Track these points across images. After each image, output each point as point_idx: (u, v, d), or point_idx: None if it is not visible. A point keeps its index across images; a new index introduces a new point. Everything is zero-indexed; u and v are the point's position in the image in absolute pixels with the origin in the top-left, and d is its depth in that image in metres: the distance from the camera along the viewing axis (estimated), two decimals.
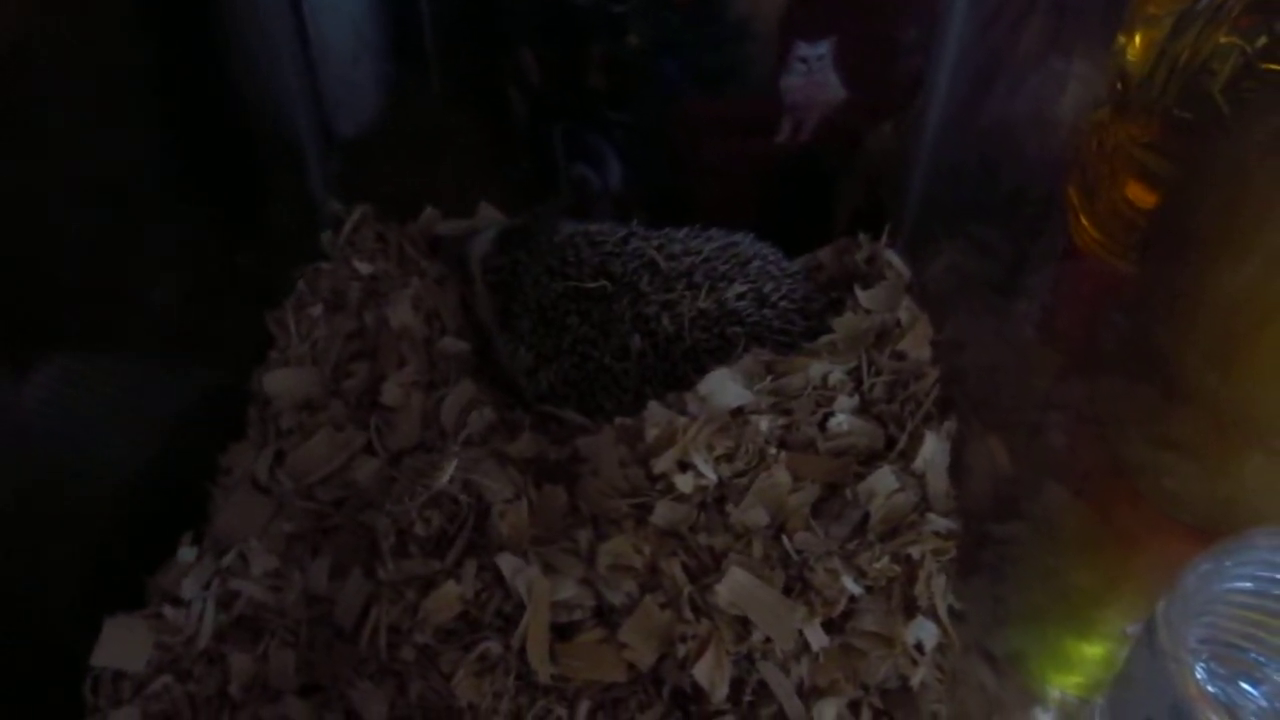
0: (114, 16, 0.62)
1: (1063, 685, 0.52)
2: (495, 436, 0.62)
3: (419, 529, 0.54)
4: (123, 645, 0.53)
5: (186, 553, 0.57)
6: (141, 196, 0.65)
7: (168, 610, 0.54)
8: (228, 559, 0.57)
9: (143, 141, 0.66)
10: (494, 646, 0.51)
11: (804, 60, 0.65)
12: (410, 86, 0.76)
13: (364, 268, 0.71)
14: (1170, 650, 0.39)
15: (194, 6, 0.65)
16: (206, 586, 0.56)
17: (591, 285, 0.63)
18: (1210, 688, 0.40)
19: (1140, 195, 0.54)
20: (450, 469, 0.55)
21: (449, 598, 0.52)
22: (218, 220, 0.70)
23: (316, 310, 0.69)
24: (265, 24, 0.68)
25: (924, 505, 0.55)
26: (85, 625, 0.53)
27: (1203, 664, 0.40)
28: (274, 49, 0.69)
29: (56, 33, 0.56)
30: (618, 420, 0.59)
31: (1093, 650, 0.51)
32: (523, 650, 0.50)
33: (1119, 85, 0.55)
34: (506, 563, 0.52)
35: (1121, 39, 0.54)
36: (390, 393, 0.63)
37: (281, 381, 0.65)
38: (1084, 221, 0.57)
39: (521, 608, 0.51)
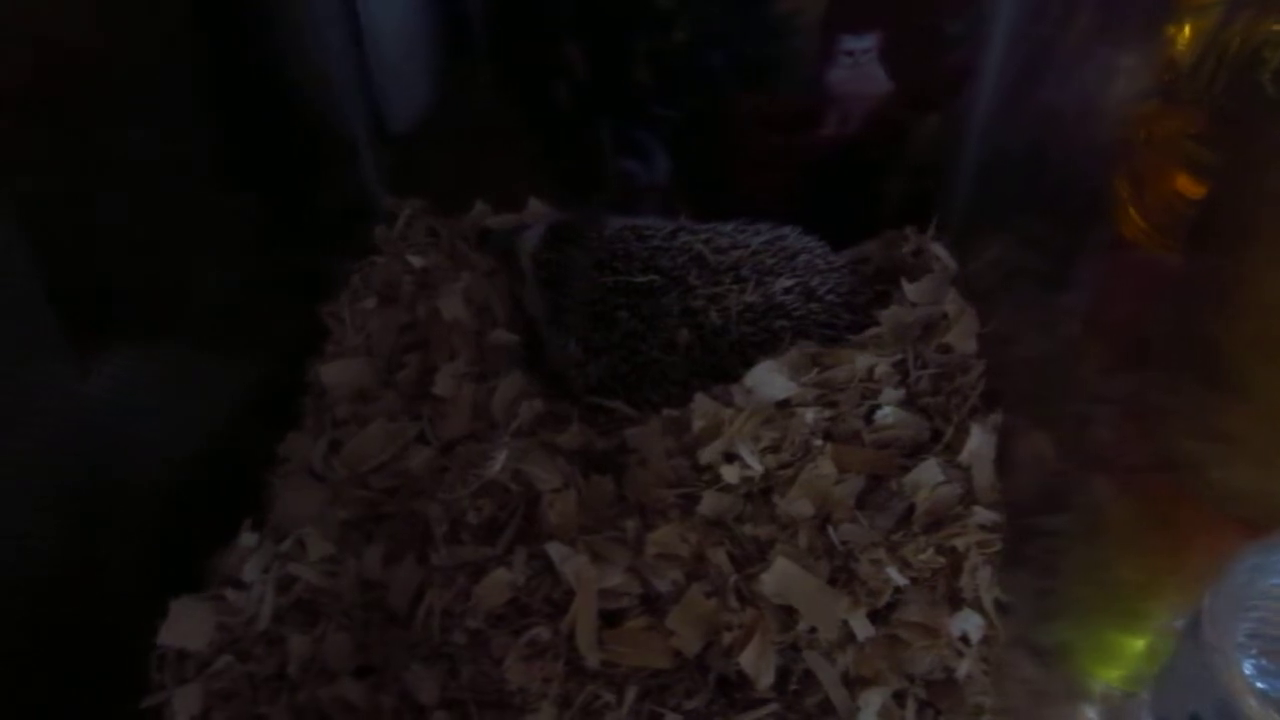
0: (173, 19, 0.64)
1: (1108, 679, 0.52)
2: (544, 427, 0.63)
3: (470, 517, 0.56)
4: (187, 625, 0.55)
5: (248, 538, 0.59)
6: (199, 193, 0.66)
7: (229, 593, 0.56)
8: (286, 544, 0.58)
9: (201, 140, 0.67)
10: (543, 632, 0.52)
11: (850, 53, 0.66)
12: (460, 84, 0.77)
13: (416, 261, 0.72)
14: (1216, 645, 0.39)
15: (250, 7, 0.67)
16: (266, 570, 0.57)
17: (640, 279, 0.63)
18: (1259, 683, 0.39)
19: (1189, 186, 0.54)
20: (501, 459, 0.57)
21: (500, 584, 0.53)
22: (274, 216, 0.72)
23: (370, 303, 0.70)
24: (320, 24, 0.70)
25: (969, 498, 0.55)
26: (148, 606, 0.55)
27: (1250, 659, 0.40)
28: (328, 49, 0.71)
29: (119, 37, 0.58)
30: (665, 412, 0.60)
31: (1138, 644, 0.51)
32: (571, 636, 0.52)
33: (1167, 76, 0.54)
34: (556, 550, 0.53)
35: (1170, 29, 0.54)
36: (442, 384, 0.65)
37: (337, 373, 0.67)
38: (1132, 213, 0.57)
39: (570, 594, 0.52)
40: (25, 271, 0.52)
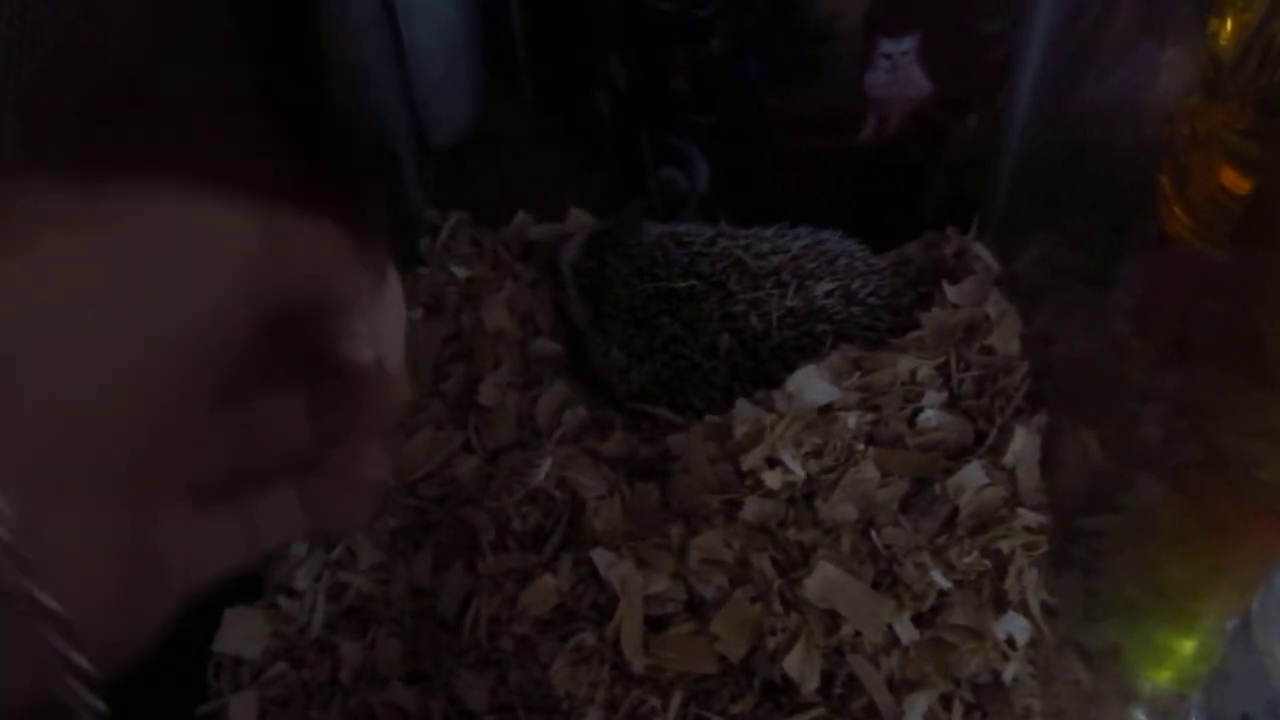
0: (216, 33, 0.65)
1: (1158, 680, 0.51)
2: (588, 435, 0.63)
3: (516, 524, 0.56)
4: (242, 633, 0.56)
5: (299, 547, 0.60)
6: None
7: (282, 600, 0.57)
8: (336, 553, 0.59)
9: (245, 155, 0.69)
10: (589, 638, 0.52)
11: (888, 56, 0.65)
12: (502, 95, 0.78)
13: (460, 272, 0.73)
14: (1267, 646, 0.39)
15: (292, 22, 0.68)
16: (317, 579, 0.58)
17: (681, 285, 0.64)
18: None
19: (1234, 181, 0.53)
20: (546, 467, 0.57)
21: (546, 590, 0.54)
22: None
23: (416, 314, 0.71)
24: (362, 37, 0.71)
25: (1014, 500, 0.55)
26: (203, 614, 0.56)
27: None
28: (370, 62, 0.72)
29: (163, 52, 0.59)
30: (707, 418, 0.60)
31: (1189, 645, 0.50)
32: (617, 641, 0.52)
33: (1211, 70, 0.54)
34: (601, 557, 0.54)
35: (1213, 23, 0.53)
36: (487, 393, 0.65)
37: None
38: (1176, 209, 0.56)
39: (615, 600, 0.53)
40: None
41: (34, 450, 0.19)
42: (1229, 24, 0.52)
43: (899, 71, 0.66)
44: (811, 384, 0.59)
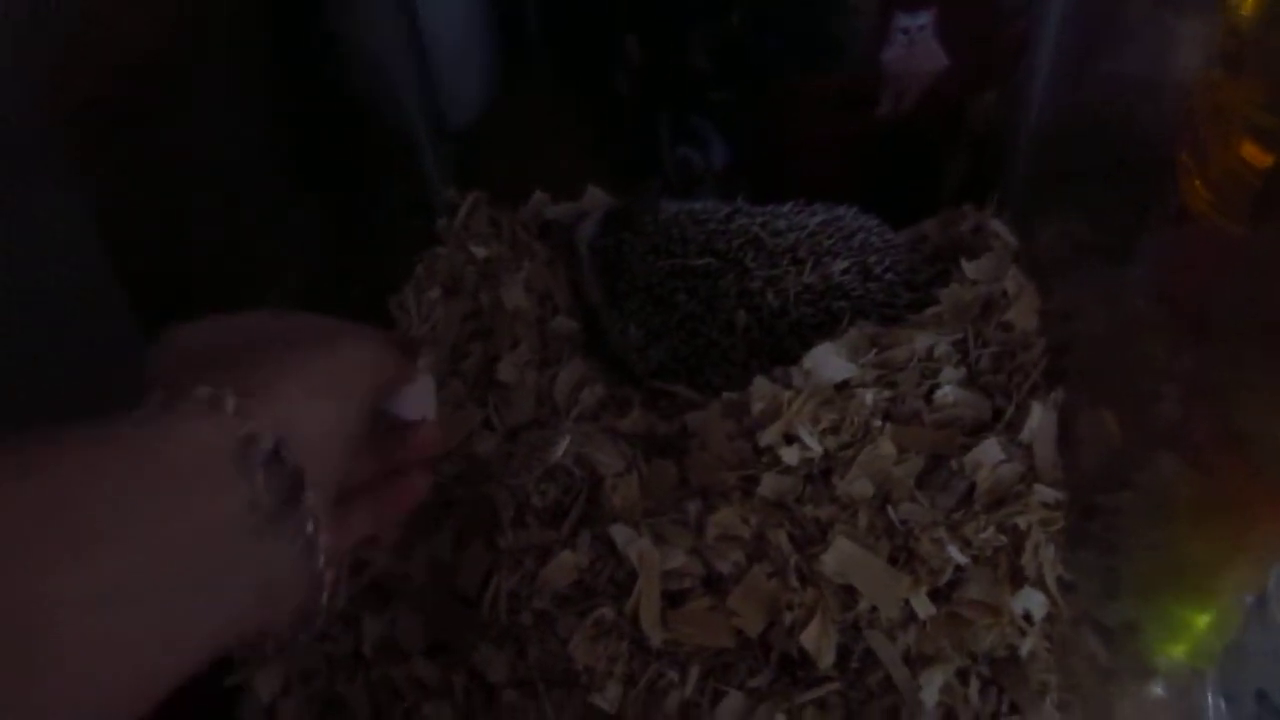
0: (236, 22, 0.65)
1: (1174, 656, 0.51)
2: (606, 412, 0.64)
3: (536, 501, 0.57)
4: None
5: None
6: (267, 191, 0.69)
7: None
8: None
9: (266, 139, 0.69)
10: (608, 613, 0.53)
11: (905, 31, 0.65)
12: (518, 75, 0.78)
13: (479, 252, 0.74)
14: None
15: (309, 7, 0.69)
16: None
17: (698, 262, 0.64)
18: None
19: (1256, 155, 0.53)
20: (564, 444, 0.58)
21: (565, 566, 0.54)
22: (339, 210, 0.74)
23: (435, 293, 0.72)
24: (379, 20, 0.71)
25: (1031, 476, 0.55)
26: None
27: None
28: (388, 44, 0.72)
29: (185, 43, 0.60)
30: (724, 395, 0.60)
31: (1205, 621, 0.50)
32: (635, 616, 0.53)
33: (1231, 43, 0.53)
34: (619, 533, 0.54)
35: None
36: (506, 371, 0.66)
37: None
38: (1197, 184, 0.56)
39: (634, 576, 0.53)
40: (106, 272, 0.54)
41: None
42: None
43: (916, 46, 0.66)
44: (829, 360, 0.59)
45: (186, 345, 0.39)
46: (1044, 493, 0.54)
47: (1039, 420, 0.56)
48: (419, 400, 0.46)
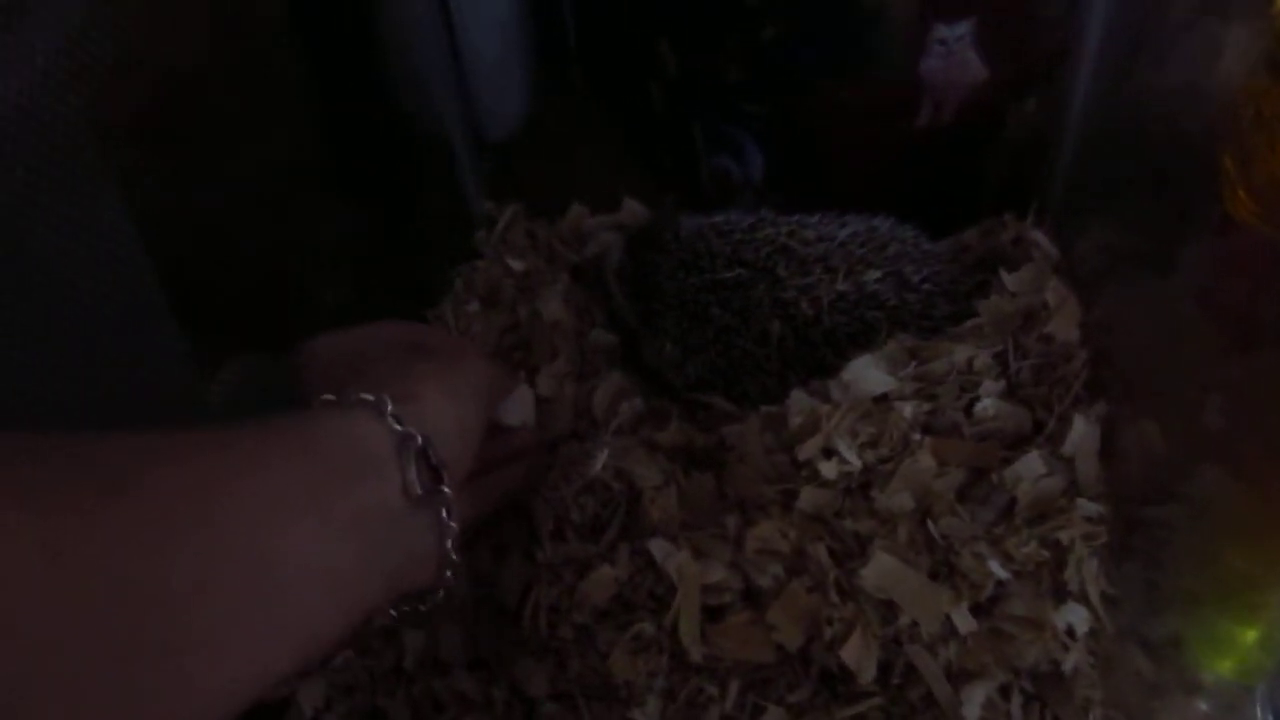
0: (276, 36, 0.66)
1: (1221, 671, 0.51)
2: (644, 425, 0.64)
3: (575, 515, 0.57)
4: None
5: None
6: (308, 205, 0.69)
7: None
8: None
9: (306, 152, 0.70)
10: (647, 627, 0.53)
11: (943, 42, 0.65)
12: (554, 88, 0.79)
13: (516, 265, 0.74)
14: None
15: (349, 23, 0.70)
16: None
17: (727, 275, 0.64)
18: None
19: None
20: (603, 457, 0.58)
21: (604, 580, 0.54)
22: (379, 223, 0.75)
23: (473, 306, 0.72)
24: (417, 35, 0.72)
25: (1073, 490, 0.54)
26: None
27: None
28: (426, 58, 0.73)
29: (225, 57, 0.61)
30: (763, 408, 0.60)
31: (1252, 636, 0.50)
32: (675, 630, 0.53)
33: (1277, 50, 0.52)
34: (658, 547, 0.55)
35: (1278, 1, 0.52)
36: (544, 384, 0.66)
37: None
38: (1240, 193, 0.55)
39: (673, 590, 0.53)
40: (150, 284, 0.55)
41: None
42: None
43: (954, 57, 0.65)
44: (867, 373, 0.59)
45: (328, 355, 0.48)
46: (1086, 506, 0.53)
47: (1081, 433, 0.55)
48: (521, 409, 0.58)
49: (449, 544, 0.42)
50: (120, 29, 0.51)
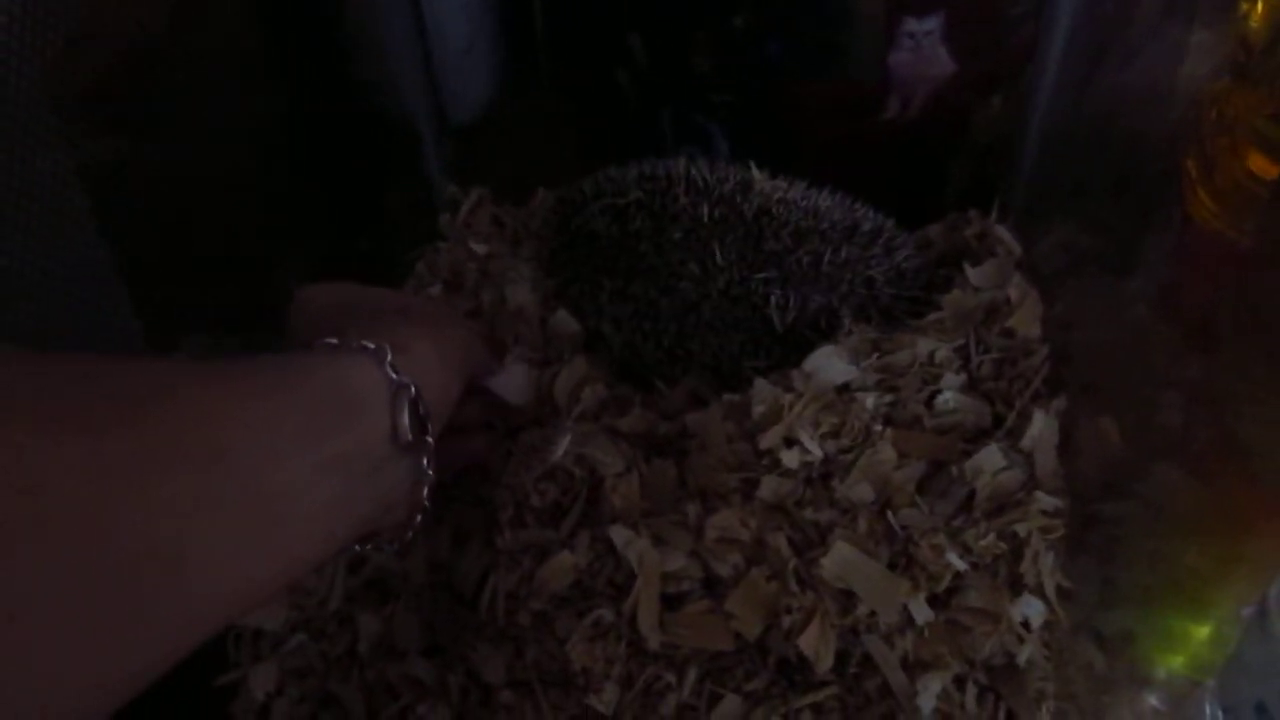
0: (239, 14, 0.65)
1: (1172, 666, 0.51)
2: (607, 412, 0.63)
3: (535, 501, 0.57)
4: (262, 605, 0.56)
5: None
6: (270, 185, 0.68)
7: None
8: None
9: (269, 132, 0.69)
10: (606, 614, 0.53)
11: (912, 36, 0.65)
12: (522, 72, 0.78)
13: (480, 249, 0.74)
14: None
15: (314, 3, 0.69)
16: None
17: (621, 201, 0.64)
18: None
19: (1262, 167, 0.53)
20: (564, 444, 0.57)
21: (563, 567, 0.54)
22: (341, 205, 0.74)
23: (435, 289, 0.72)
24: (384, 16, 0.71)
25: (1031, 483, 0.55)
26: None
27: None
28: (392, 40, 0.72)
29: (189, 33, 0.59)
30: (725, 397, 0.60)
31: (1204, 632, 0.50)
32: (633, 618, 0.52)
33: (1240, 53, 0.53)
34: (618, 534, 0.54)
35: (1243, 5, 0.53)
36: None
37: None
38: (1202, 194, 0.56)
39: (632, 577, 0.53)
40: (104, 262, 0.54)
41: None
42: (1260, 5, 0.52)
43: (923, 51, 0.66)
44: (830, 364, 0.59)
45: (324, 300, 0.49)
46: (1044, 500, 0.54)
47: (1040, 428, 0.56)
48: (519, 385, 0.60)
49: (425, 492, 0.44)
50: (77, 2, 0.50)
